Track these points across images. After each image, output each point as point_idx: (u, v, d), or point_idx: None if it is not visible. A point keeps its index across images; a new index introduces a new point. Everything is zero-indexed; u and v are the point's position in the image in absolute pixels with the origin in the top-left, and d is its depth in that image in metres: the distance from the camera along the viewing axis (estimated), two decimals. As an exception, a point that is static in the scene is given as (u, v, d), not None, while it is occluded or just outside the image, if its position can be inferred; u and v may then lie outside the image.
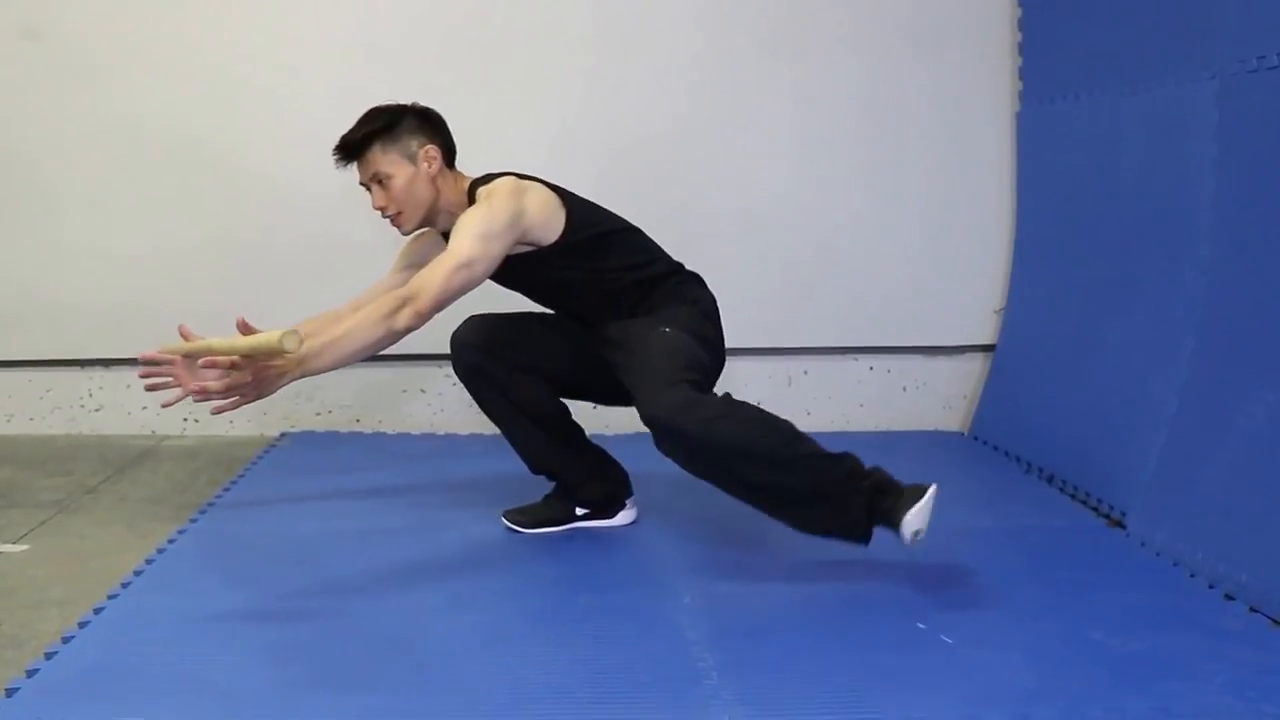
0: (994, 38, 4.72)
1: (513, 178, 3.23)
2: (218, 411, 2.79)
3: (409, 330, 2.93)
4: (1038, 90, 4.55)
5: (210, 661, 2.52)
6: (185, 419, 4.67)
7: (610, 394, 3.39)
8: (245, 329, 2.78)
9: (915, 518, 2.79)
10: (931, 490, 2.81)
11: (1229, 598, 2.89)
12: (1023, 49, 4.66)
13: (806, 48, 4.72)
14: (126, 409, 4.74)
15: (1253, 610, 2.80)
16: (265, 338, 2.65)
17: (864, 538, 2.92)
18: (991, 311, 4.78)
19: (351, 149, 3.21)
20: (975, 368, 4.84)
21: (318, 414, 4.80)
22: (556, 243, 3.22)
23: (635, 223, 3.41)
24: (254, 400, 2.79)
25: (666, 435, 2.93)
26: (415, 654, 2.58)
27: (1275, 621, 2.73)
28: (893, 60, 4.72)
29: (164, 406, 2.98)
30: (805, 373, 4.79)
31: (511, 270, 3.24)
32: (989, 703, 2.34)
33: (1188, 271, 3.44)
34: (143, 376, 3.03)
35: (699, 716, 2.29)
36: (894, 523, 2.81)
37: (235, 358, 2.68)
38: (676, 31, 4.72)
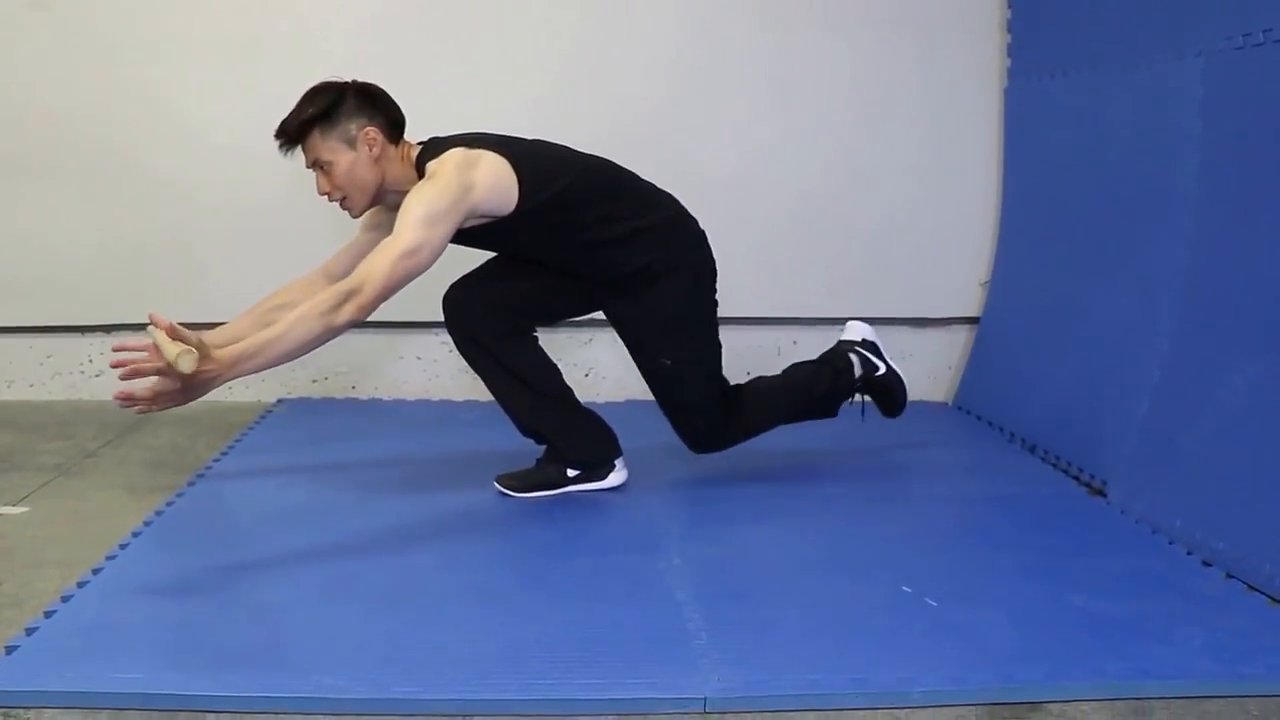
0: (982, 14, 4.74)
1: (460, 150, 3.14)
2: (142, 413, 2.82)
3: (351, 324, 2.89)
4: (1025, 67, 4.57)
5: (207, 621, 2.56)
6: (182, 384, 4.70)
7: (598, 303, 3.55)
8: (173, 332, 2.74)
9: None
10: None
11: (1207, 564, 2.94)
12: (1010, 26, 4.68)
13: (793, 23, 4.73)
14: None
15: (1230, 576, 2.85)
16: (168, 348, 2.65)
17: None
18: (977, 284, 4.81)
19: (290, 135, 3.17)
20: (960, 339, 4.89)
21: (314, 380, 4.83)
22: (515, 211, 3.16)
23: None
24: (181, 404, 2.80)
25: (708, 451, 3.59)
26: (408, 614, 2.61)
27: (1251, 587, 2.78)
28: (881, 36, 4.74)
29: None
30: (794, 343, 4.82)
31: (481, 240, 3.24)
32: (973, 664, 2.38)
33: (1171, 245, 3.47)
34: (115, 365, 3.06)
35: (688, 675, 2.32)
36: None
37: (163, 364, 2.67)
38: (661, 6, 4.73)
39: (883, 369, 3.82)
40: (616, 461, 3.57)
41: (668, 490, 3.56)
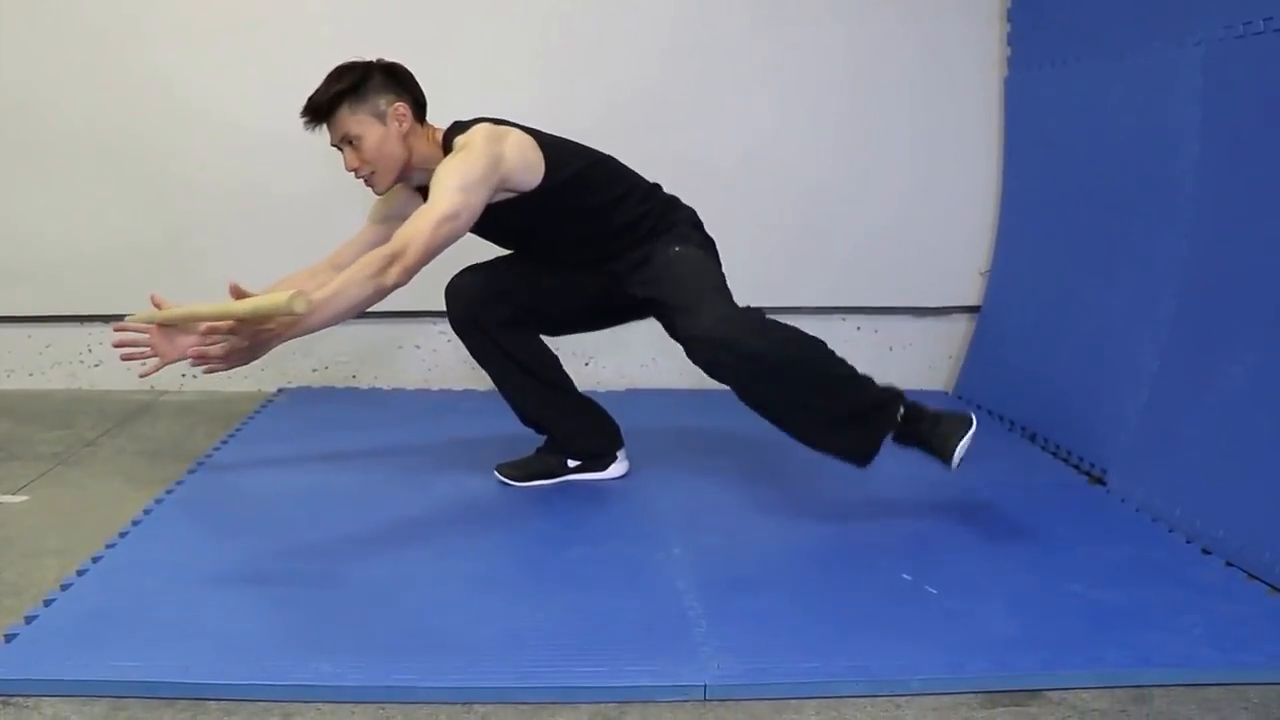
0: (982, 3, 4.73)
1: (488, 124, 3.17)
2: (211, 372, 2.82)
3: (397, 286, 2.91)
4: (1025, 56, 4.56)
5: (205, 609, 2.56)
6: (184, 375, 4.70)
7: (611, 316, 3.50)
8: (238, 293, 2.76)
9: (965, 447, 2.96)
10: (974, 421, 3.00)
11: (1206, 552, 2.95)
12: (1010, 15, 4.67)
13: (792, 13, 4.73)
14: (125, 364, 4.73)
15: (1229, 564, 2.86)
16: (270, 300, 2.64)
17: (868, 461, 3.09)
18: (977, 273, 4.81)
19: (319, 111, 3.16)
20: (960, 328, 4.88)
21: (314, 370, 4.83)
22: (540, 186, 3.17)
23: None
24: (247, 363, 2.81)
25: (718, 348, 2.97)
26: (407, 603, 2.62)
27: (1251, 575, 2.78)
28: (880, 26, 4.74)
29: (142, 376, 3.01)
30: (794, 333, 4.83)
31: (497, 221, 3.21)
32: (972, 651, 2.38)
33: (1171, 235, 3.47)
34: (117, 346, 3.06)
35: (688, 664, 2.32)
36: (945, 451, 2.98)
37: (233, 322, 2.69)
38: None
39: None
40: (618, 453, 3.57)
41: (667, 479, 3.55)
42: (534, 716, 2.18)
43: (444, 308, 3.41)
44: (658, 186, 3.43)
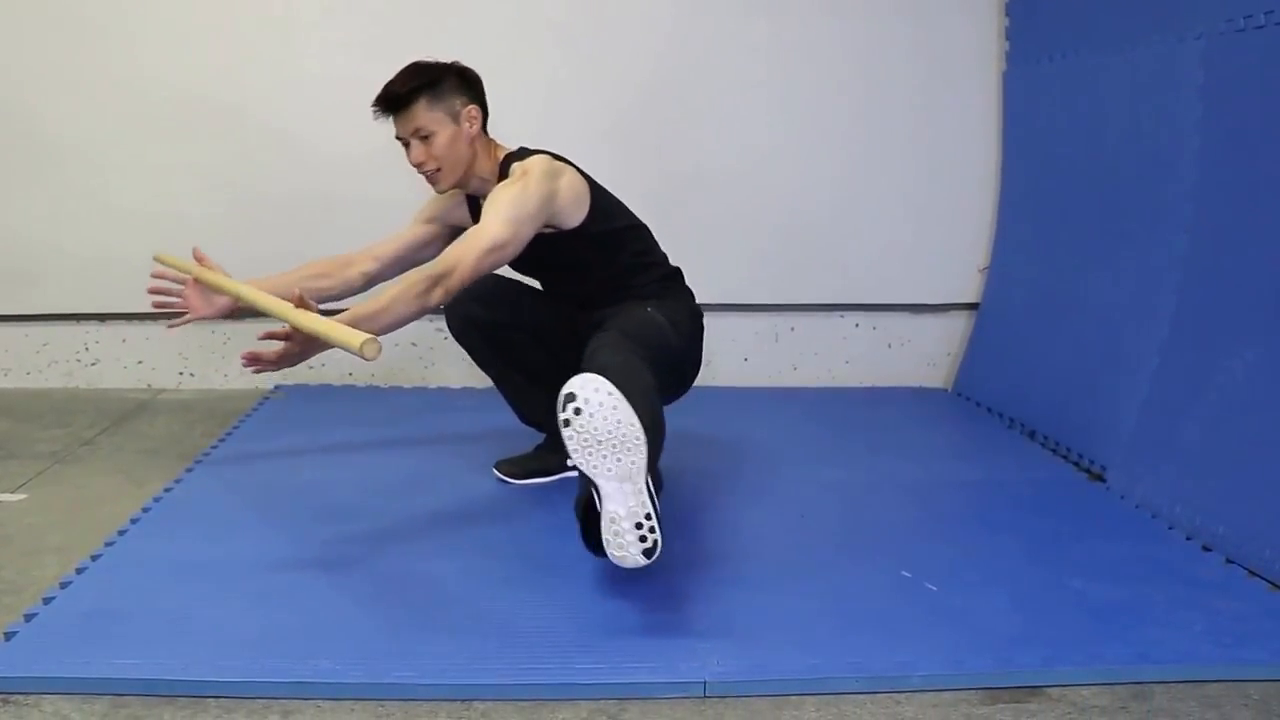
0: (980, -2, 4.74)
1: (548, 157, 3.22)
2: (260, 372, 2.83)
3: (438, 305, 2.97)
4: (1024, 50, 4.56)
5: (205, 607, 2.56)
6: (181, 373, 4.71)
7: (574, 350, 3.39)
8: (301, 302, 2.71)
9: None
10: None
11: (1206, 549, 2.95)
12: (1009, 9, 4.67)
13: (789, 7, 4.72)
14: (123, 363, 4.77)
15: (1229, 561, 2.86)
16: (342, 333, 2.56)
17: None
18: (976, 270, 4.81)
19: (395, 102, 3.19)
20: (959, 325, 4.88)
21: (311, 367, 4.81)
22: (576, 228, 3.22)
23: (624, 185, 3.42)
24: (296, 364, 2.82)
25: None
26: (405, 599, 2.62)
27: (1251, 572, 2.78)
28: (878, 20, 4.73)
29: (170, 327, 3.00)
30: (792, 329, 4.82)
31: (528, 250, 3.21)
32: (973, 648, 2.38)
33: (1170, 231, 3.47)
34: (152, 291, 3.04)
35: (687, 660, 2.32)
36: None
37: (289, 329, 2.69)
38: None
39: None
40: (617, 451, 3.55)
41: (666, 475, 3.53)
42: (534, 713, 2.18)
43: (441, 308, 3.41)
44: (679, 271, 3.44)
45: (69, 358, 4.81)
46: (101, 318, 4.75)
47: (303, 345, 2.73)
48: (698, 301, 3.42)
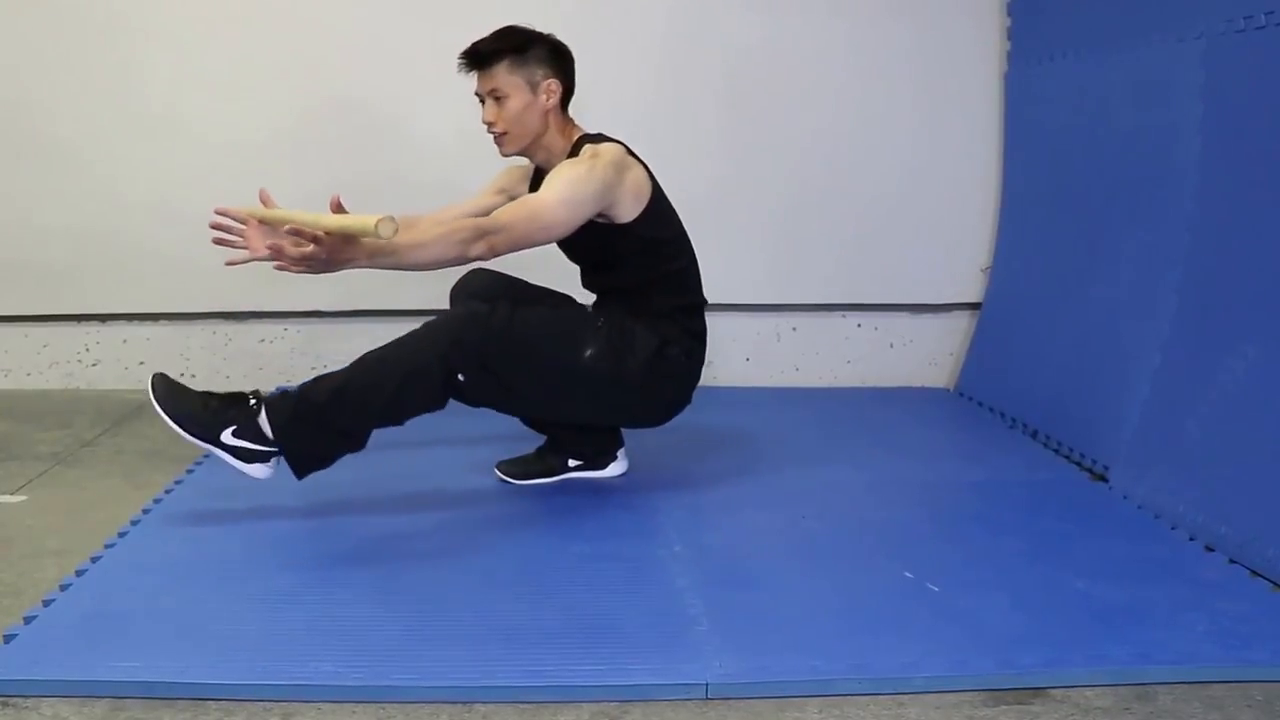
0: (982, -2, 4.74)
1: (621, 148, 3.23)
2: (280, 270, 2.82)
3: (478, 260, 2.96)
4: (1025, 50, 4.56)
5: (205, 609, 2.56)
6: (182, 374, 4.69)
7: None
8: (337, 207, 2.74)
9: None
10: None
11: (1209, 549, 2.94)
12: (1010, 9, 4.66)
13: (791, 6, 4.71)
14: (123, 364, 4.76)
15: (1232, 561, 2.85)
16: (358, 220, 2.63)
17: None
18: (978, 270, 4.80)
19: (479, 58, 3.21)
20: (961, 325, 4.87)
21: (312, 368, 4.81)
22: (625, 225, 3.20)
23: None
24: (319, 273, 2.82)
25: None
26: (407, 601, 2.61)
27: (1254, 572, 2.78)
28: (880, 20, 4.72)
29: (228, 265, 3.01)
30: (794, 329, 4.82)
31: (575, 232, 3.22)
32: (975, 649, 2.38)
33: (1172, 230, 3.47)
34: (213, 227, 3.05)
35: (689, 662, 2.32)
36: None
37: (320, 232, 2.70)
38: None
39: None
40: (618, 452, 3.57)
41: (668, 477, 3.55)
42: (535, 715, 2.18)
43: (446, 307, 3.41)
44: (702, 304, 3.41)
45: (69, 358, 4.80)
46: (102, 318, 4.75)
47: (329, 252, 2.73)
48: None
